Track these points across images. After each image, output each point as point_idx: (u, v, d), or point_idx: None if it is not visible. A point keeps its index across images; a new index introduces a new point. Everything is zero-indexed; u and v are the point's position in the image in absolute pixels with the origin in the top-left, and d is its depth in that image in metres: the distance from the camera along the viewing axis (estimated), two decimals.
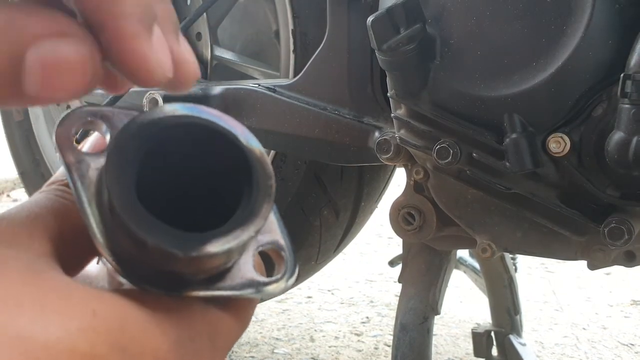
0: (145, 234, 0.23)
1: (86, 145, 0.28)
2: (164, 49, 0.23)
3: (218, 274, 0.26)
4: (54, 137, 0.25)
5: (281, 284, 0.27)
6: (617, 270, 1.96)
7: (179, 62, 0.25)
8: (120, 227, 0.23)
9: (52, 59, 0.21)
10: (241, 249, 0.25)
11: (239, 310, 0.27)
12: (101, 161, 0.25)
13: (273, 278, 0.27)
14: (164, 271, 0.24)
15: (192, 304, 0.25)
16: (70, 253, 0.25)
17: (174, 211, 0.26)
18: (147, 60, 0.23)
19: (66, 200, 0.27)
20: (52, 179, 0.28)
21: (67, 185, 0.27)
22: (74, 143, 0.25)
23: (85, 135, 0.29)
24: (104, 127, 0.26)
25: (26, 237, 0.23)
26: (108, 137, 0.26)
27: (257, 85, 0.88)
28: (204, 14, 0.98)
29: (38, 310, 0.20)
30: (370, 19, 0.65)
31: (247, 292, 0.27)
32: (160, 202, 0.25)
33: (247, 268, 0.27)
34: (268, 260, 0.29)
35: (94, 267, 0.29)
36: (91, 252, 0.26)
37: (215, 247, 0.23)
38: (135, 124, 0.24)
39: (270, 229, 0.29)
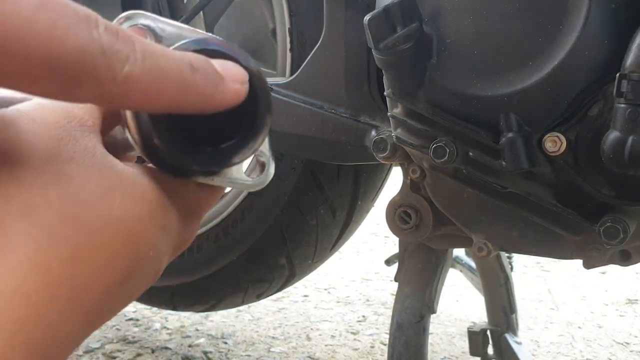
0: (189, 160, 0.30)
1: None
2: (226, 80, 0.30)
3: None
4: None
5: (257, 185, 0.35)
6: (613, 269, 1.96)
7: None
8: (165, 154, 0.30)
9: None
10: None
11: (217, 191, 0.35)
12: None
13: (255, 179, 0.35)
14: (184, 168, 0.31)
15: (188, 185, 0.32)
16: (108, 128, 0.32)
17: (190, 125, 0.31)
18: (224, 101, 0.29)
19: None
20: None
21: None
22: None
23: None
24: (156, 36, 0.32)
25: (91, 127, 0.29)
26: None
27: None
28: (201, 12, 0.97)
29: (125, 196, 0.28)
30: (367, 17, 0.65)
31: (234, 186, 0.34)
32: (185, 121, 0.30)
33: (242, 171, 0.34)
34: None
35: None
36: (117, 121, 0.33)
37: (238, 158, 0.31)
38: None
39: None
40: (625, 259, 0.70)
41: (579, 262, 0.73)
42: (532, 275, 1.96)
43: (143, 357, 1.36)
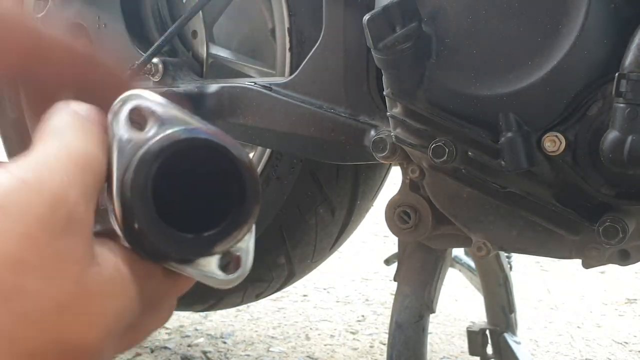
0: (170, 248, 0.30)
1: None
2: None
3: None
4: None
5: (229, 282, 0.33)
6: (612, 269, 1.96)
7: None
8: (144, 237, 0.29)
9: None
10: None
11: (182, 283, 0.34)
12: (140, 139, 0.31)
13: (228, 276, 0.33)
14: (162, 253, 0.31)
15: (156, 271, 0.31)
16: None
17: (181, 211, 0.31)
18: None
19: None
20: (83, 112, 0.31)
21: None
22: (128, 121, 0.31)
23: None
24: (152, 118, 0.31)
25: (84, 212, 0.27)
26: (151, 121, 0.32)
27: (253, 84, 0.88)
28: (200, 11, 0.97)
29: (108, 293, 0.27)
30: (366, 17, 0.65)
31: (204, 280, 0.32)
32: (171, 206, 0.30)
33: (215, 265, 0.32)
34: None
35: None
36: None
37: (220, 247, 0.31)
38: (148, 154, 0.30)
39: (244, 240, 0.34)
40: (624, 258, 0.70)
41: (578, 262, 0.73)
42: (532, 274, 1.97)
43: (142, 357, 1.36)
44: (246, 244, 0.33)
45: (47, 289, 0.24)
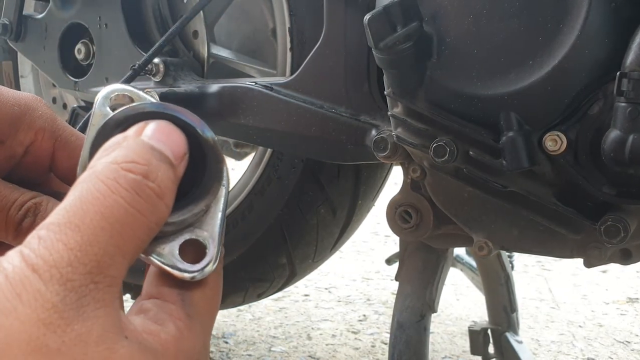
0: None
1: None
2: None
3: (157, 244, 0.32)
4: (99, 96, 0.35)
5: (188, 272, 0.32)
6: (613, 268, 1.96)
7: None
8: None
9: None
10: (193, 219, 0.32)
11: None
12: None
13: (190, 268, 0.32)
14: None
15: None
16: None
17: None
18: None
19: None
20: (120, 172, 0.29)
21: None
22: (107, 101, 0.34)
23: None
24: (128, 102, 0.34)
25: (97, 289, 0.26)
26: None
27: (253, 84, 0.88)
28: (201, 11, 0.97)
29: None
30: (367, 16, 0.65)
31: (169, 269, 0.31)
32: None
33: (175, 252, 0.32)
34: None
35: None
36: None
37: (174, 217, 0.31)
38: (113, 120, 0.32)
39: (210, 225, 0.33)
40: (625, 257, 0.70)
41: (579, 261, 0.73)
42: (533, 274, 1.97)
43: None
44: (210, 231, 0.33)
45: None
